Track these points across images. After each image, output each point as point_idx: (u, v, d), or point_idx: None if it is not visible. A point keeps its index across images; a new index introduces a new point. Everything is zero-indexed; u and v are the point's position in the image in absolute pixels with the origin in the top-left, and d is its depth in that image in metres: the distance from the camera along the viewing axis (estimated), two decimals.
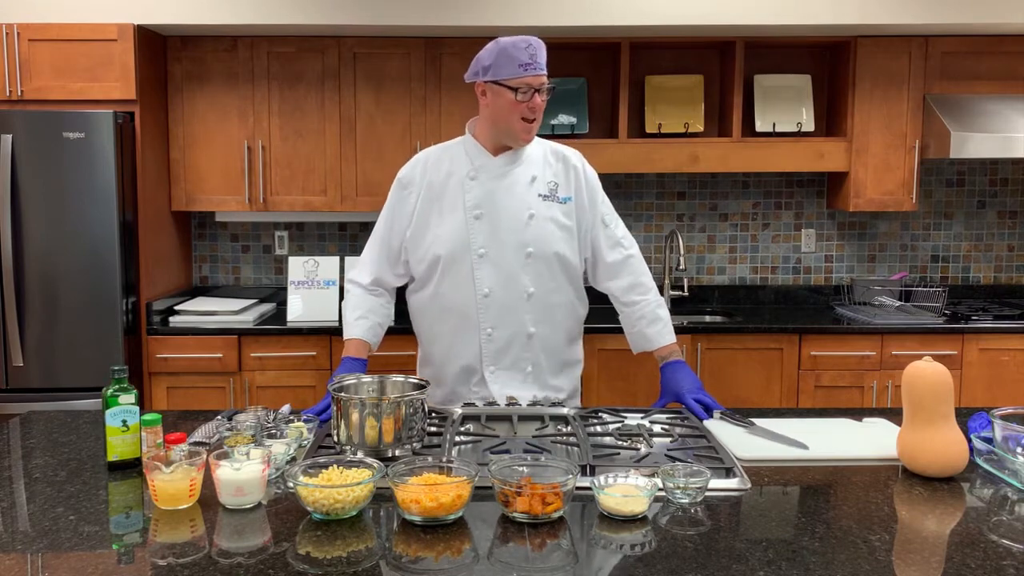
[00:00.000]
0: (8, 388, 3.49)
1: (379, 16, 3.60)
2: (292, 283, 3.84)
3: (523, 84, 2.10)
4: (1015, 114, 3.76)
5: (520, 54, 2.10)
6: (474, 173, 2.23)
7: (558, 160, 2.29)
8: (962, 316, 3.79)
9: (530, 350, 2.25)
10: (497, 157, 2.23)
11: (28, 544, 1.41)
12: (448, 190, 2.24)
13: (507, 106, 2.13)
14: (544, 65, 2.13)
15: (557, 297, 2.26)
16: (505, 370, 2.24)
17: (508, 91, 2.11)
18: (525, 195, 2.22)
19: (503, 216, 2.20)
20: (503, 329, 2.22)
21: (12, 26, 3.51)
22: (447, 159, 2.28)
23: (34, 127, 3.40)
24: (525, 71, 2.10)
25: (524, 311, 2.22)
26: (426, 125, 3.87)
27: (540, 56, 2.12)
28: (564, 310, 2.29)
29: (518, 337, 2.23)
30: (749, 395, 3.68)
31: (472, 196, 2.21)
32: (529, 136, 2.19)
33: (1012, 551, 1.38)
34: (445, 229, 2.21)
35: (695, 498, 1.56)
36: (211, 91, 3.85)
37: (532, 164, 2.26)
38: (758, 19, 3.61)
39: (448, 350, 2.28)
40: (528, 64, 2.10)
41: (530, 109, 2.13)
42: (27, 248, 3.44)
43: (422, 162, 2.31)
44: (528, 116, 2.14)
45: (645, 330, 2.35)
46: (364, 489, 1.50)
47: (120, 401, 1.75)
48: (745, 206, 4.29)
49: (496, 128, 2.20)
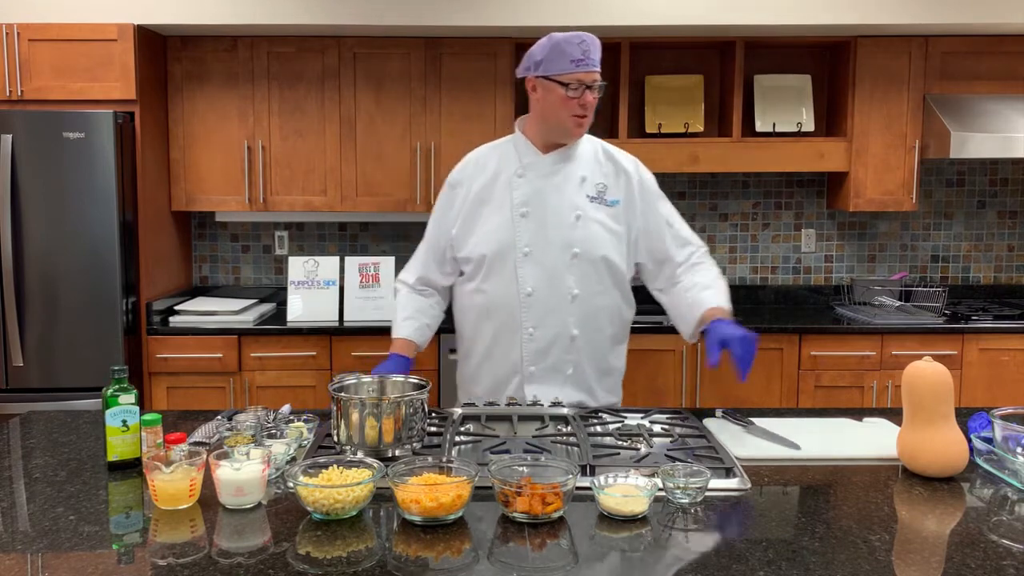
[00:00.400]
0: (8, 388, 3.49)
1: (379, 16, 3.60)
2: (292, 283, 3.84)
3: (574, 80, 2.07)
4: (1015, 114, 3.76)
5: (572, 49, 2.07)
6: (522, 171, 2.20)
7: (608, 161, 2.25)
8: (962, 316, 3.79)
9: (572, 352, 2.21)
10: (546, 155, 2.20)
11: (28, 544, 1.41)
12: (496, 188, 2.22)
13: (558, 102, 2.10)
14: (598, 61, 2.10)
15: (602, 300, 2.22)
16: (546, 371, 2.22)
17: (559, 87, 2.08)
18: (574, 195, 2.18)
19: (550, 215, 2.17)
20: (545, 329, 2.19)
21: (12, 26, 3.51)
22: (495, 157, 2.26)
23: (34, 127, 3.40)
24: (577, 67, 2.07)
25: (567, 312, 2.18)
26: (426, 125, 3.87)
27: (593, 52, 2.09)
28: (608, 313, 2.25)
29: (560, 339, 2.20)
30: (749, 395, 3.68)
31: (519, 194, 2.19)
32: (581, 131, 2.16)
33: (1012, 551, 1.38)
34: (491, 227, 2.19)
35: (695, 498, 1.56)
36: (211, 91, 3.85)
37: (582, 164, 2.22)
38: (758, 19, 3.61)
39: (490, 348, 2.26)
40: (580, 60, 2.07)
41: (581, 106, 2.09)
42: (27, 248, 3.44)
43: (472, 162, 2.30)
44: (579, 112, 2.10)
45: (699, 295, 2.19)
46: (364, 489, 1.50)
47: (120, 401, 1.75)
48: (745, 206, 4.29)
49: (546, 124, 2.17)
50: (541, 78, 2.11)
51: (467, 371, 2.35)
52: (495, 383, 2.27)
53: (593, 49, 2.09)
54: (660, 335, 3.69)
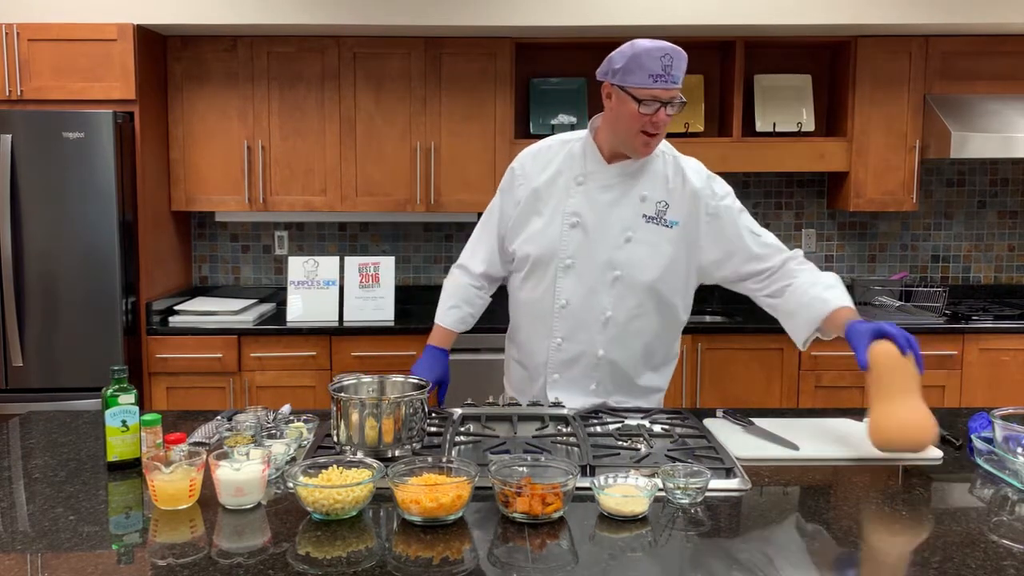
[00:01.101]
0: (8, 388, 3.49)
1: (379, 16, 3.60)
2: (292, 283, 3.84)
3: (650, 96, 1.95)
4: (1015, 114, 3.76)
5: (653, 64, 1.94)
6: (582, 178, 2.12)
7: (677, 176, 2.15)
8: (962, 316, 3.79)
9: (597, 370, 2.17)
10: (611, 165, 2.11)
11: (28, 544, 1.41)
12: (555, 189, 2.15)
13: (629, 115, 1.99)
14: (680, 78, 1.97)
15: (639, 324, 2.15)
16: (569, 382, 2.20)
17: (632, 101, 1.96)
18: (629, 213, 2.10)
19: (599, 230, 2.10)
20: (573, 344, 2.16)
21: (12, 26, 3.51)
22: (562, 154, 2.17)
23: (34, 127, 3.40)
24: (655, 82, 1.94)
25: (597, 332, 2.13)
26: (426, 125, 3.87)
27: (676, 68, 1.96)
28: (643, 338, 2.17)
29: (586, 356, 2.16)
30: (749, 395, 3.68)
31: (573, 202, 2.12)
32: (648, 151, 2.05)
33: (1012, 551, 1.38)
34: (540, 229, 2.15)
35: (695, 498, 1.56)
36: (211, 91, 3.85)
37: (646, 180, 2.12)
38: (758, 19, 3.61)
39: (523, 343, 2.28)
40: (660, 76, 1.94)
41: (653, 124, 1.98)
42: (27, 248, 3.44)
43: (537, 154, 2.21)
44: (650, 130, 2.00)
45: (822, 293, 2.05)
46: (364, 489, 1.50)
47: (120, 401, 1.75)
48: (745, 206, 4.28)
49: (614, 135, 2.07)
50: (616, 87, 2.00)
51: (511, 353, 2.36)
52: (525, 376, 2.29)
53: (676, 64, 1.96)
54: None
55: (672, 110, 1.99)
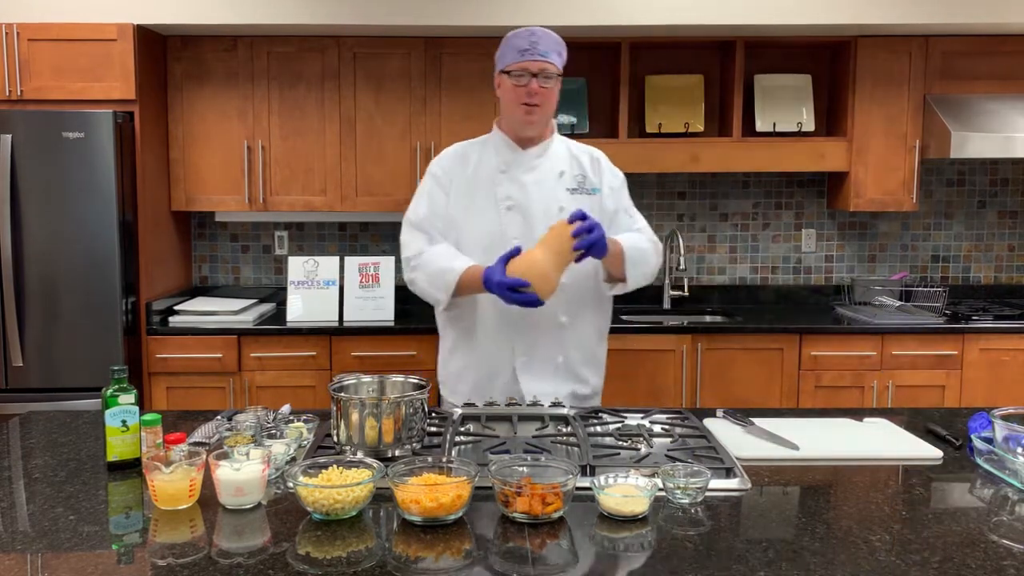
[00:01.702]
0: (8, 388, 3.49)
1: (379, 16, 3.60)
2: (292, 283, 3.84)
3: (519, 68, 2.16)
4: (1015, 114, 3.75)
5: (520, 41, 2.17)
6: (504, 167, 2.27)
7: (583, 154, 2.35)
8: (962, 316, 3.79)
9: (561, 340, 2.27)
10: (525, 151, 2.27)
11: (28, 544, 1.41)
12: (479, 183, 2.27)
13: (509, 92, 2.19)
14: (547, 53, 2.16)
15: (585, 287, 2.28)
16: (537, 361, 2.26)
17: (508, 77, 2.18)
18: (554, 189, 2.26)
19: (534, 208, 2.24)
20: (535, 319, 2.23)
21: (12, 26, 3.51)
22: (475, 152, 2.32)
23: (34, 127, 3.40)
24: (523, 56, 2.15)
25: (556, 301, 2.21)
26: (426, 125, 3.87)
27: (542, 44, 2.16)
28: (594, 302, 2.32)
29: (550, 327, 2.25)
30: (749, 395, 3.68)
31: (503, 189, 2.25)
32: (531, 119, 2.21)
33: (1012, 551, 1.38)
34: (479, 222, 2.24)
35: (695, 498, 1.56)
36: (211, 91, 3.85)
37: (558, 159, 2.30)
38: (758, 19, 3.61)
39: (479, 341, 2.28)
40: (526, 50, 2.15)
41: (528, 93, 2.15)
42: (27, 248, 3.44)
43: (452, 156, 2.34)
44: (526, 100, 2.16)
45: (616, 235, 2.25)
46: (364, 489, 1.50)
47: (120, 401, 1.75)
48: (745, 206, 4.29)
49: (507, 118, 2.27)
50: (500, 73, 2.22)
51: (452, 368, 2.36)
52: (485, 376, 2.29)
53: (543, 41, 2.17)
54: (660, 335, 3.70)
55: (546, 83, 2.17)
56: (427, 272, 2.24)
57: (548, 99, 2.20)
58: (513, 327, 2.24)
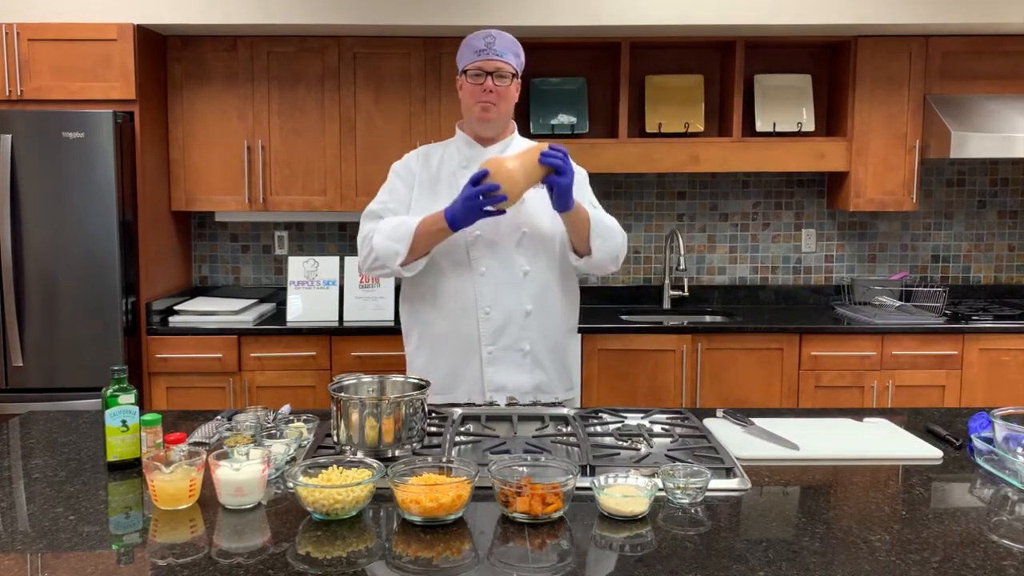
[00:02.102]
0: (8, 388, 3.49)
1: (379, 16, 3.60)
2: (292, 283, 3.84)
3: (475, 68, 2.24)
4: (1015, 114, 3.76)
5: (477, 42, 2.25)
6: (465, 163, 2.34)
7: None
8: (962, 316, 3.79)
9: (527, 329, 2.31)
10: (486, 148, 2.34)
11: (28, 544, 1.41)
12: (441, 180, 2.34)
13: (467, 92, 2.28)
14: (503, 53, 2.24)
15: (550, 276, 2.33)
16: (503, 350, 2.29)
17: (466, 77, 2.26)
18: None
19: None
20: (500, 308, 2.28)
21: (12, 26, 3.51)
22: (438, 153, 2.41)
23: (34, 127, 3.40)
24: (478, 56, 2.23)
25: (521, 289, 2.29)
26: (426, 125, 3.87)
27: (498, 44, 2.24)
28: (558, 291, 2.36)
29: (515, 315, 2.29)
30: (749, 395, 3.68)
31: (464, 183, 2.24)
32: (487, 116, 2.27)
33: (1012, 551, 1.38)
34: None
35: (695, 498, 1.56)
36: (211, 91, 3.85)
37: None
38: (758, 19, 3.61)
39: (446, 333, 2.31)
40: (482, 50, 2.23)
41: (483, 91, 2.23)
42: (27, 248, 3.44)
43: (415, 156, 2.42)
44: (482, 98, 2.24)
45: None
46: (364, 489, 1.50)
47: (120, 401, 1.75)
48: (745, 206, 4.29)
49: (467, 118, 2.35)
50: (460, 75, 2.29)
51: (419, 363, 2.38)
52: (452, 369, 2.31)
53: (498, 42, 2.24)
54: (660, 335, 3.70)
55: (501, 82, 2.24)
56: (383, 232, 2.25)
57: (504, 97, 2.26)
58: (479, 316, 2.27)
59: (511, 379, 2.30)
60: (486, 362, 2.29)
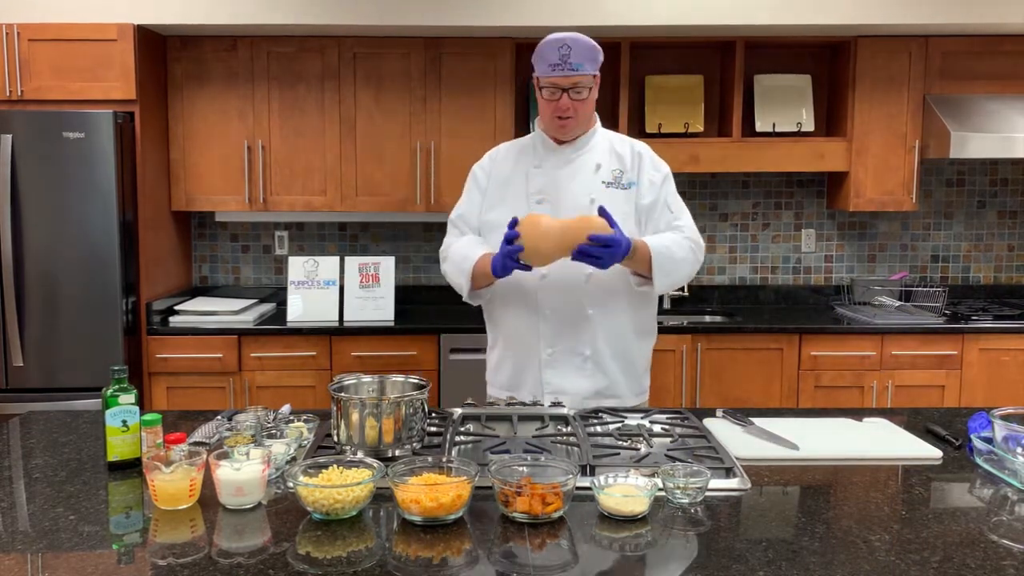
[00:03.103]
0: (8, 388, 3.49)
1: (379, 16, 3.60)
2: (292, 283, 3.84)
3: (549, 83, 2.16)
4: (1015, 114, 3.76)
5: (551, 54, 2.14)
6: (538, 162, 2.30)
7: (623, 146, 2.33)
8: (962, 316, 3.79)
9: (588, 332, 2.25)
10: (562, 147, 2.28)
11: (28, 544, 1.41)
12: (514, 179, 2.31)
13: (543, 103, 2.21)
14: (579, 65, 2.13)
15: (617, 281, 2.23)
16: (563, 354, 2.26)
17: (540, 89, 2.19)
18: (589, 182, 2.25)
19: (564, 201, 2.24)
20: (561, 310, 2.24)
21: (12, 26, 3.51)
22: (515, 151, 2.36)
23: (34, 127, 3.40)
24: (553, 71, 2.14)
25: (582, 292, 2.23)
26: (426, 125, 3.87)
27: (573, 56, 2.13)
28: (625, 297, 2.27)
29: (576, 319, 2.24)
30: (749, 395, 3.68)
31: (535, 183, 2.28)
32: (563, 132, 2.23)
33: (1012, 551, 1.38)
34: (507, 215, 2.21)
35: (695, 498, 1.56)
36: (211, 91, 3.85)
37: (597, 152, 2.29)
38: (758, 19, 3.61)
39: (511, 334, 2.31)
40: (557, 64, 2.13)
41: (560, 108, 2.17)
42: (27, 248, 3.44)
43: (493, 156, 2.38)
44: (559, 114, 2.18)
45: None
46: (364, 489, 1.50)
47: (120, 401, 1.75)
48: (745, 206, 4.29)
49: (543, 121, 2.29)
50: (536, 78, 2.21)
51: (493, 361, 2.40)
52: (516, 370, 2.31)
53: (574, 52, 2.13)
54: (660, 335, 3.67)
55: (578, 95, 2.16)
56: (453, 262, 2.29)
57: (582, 109, 2.20)
58: (539, 317, 2.25)
59: (570, 383, 2.26)
60: (544, 364, 2.27)
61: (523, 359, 2.30)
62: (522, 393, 2.30)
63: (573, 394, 2.25)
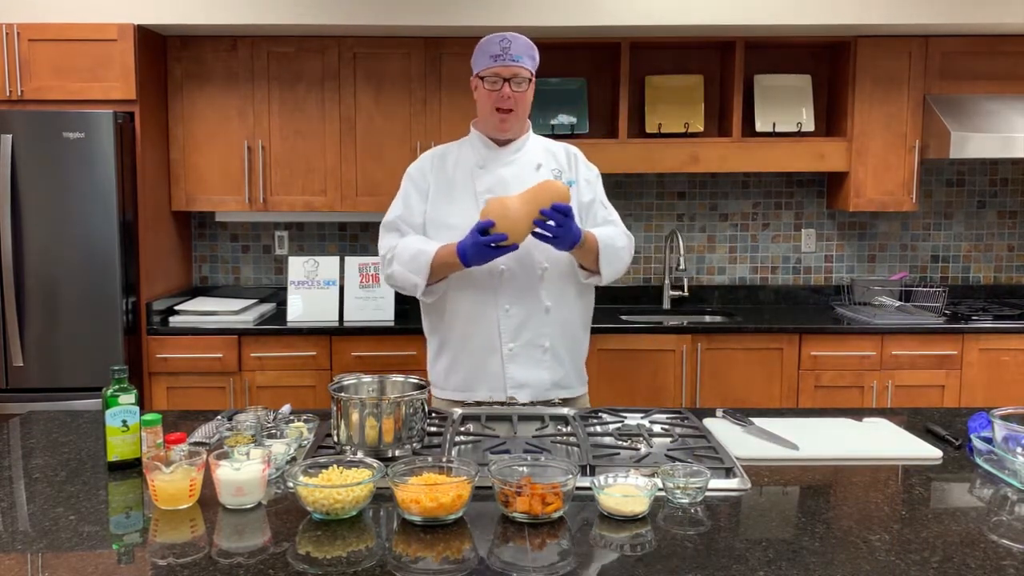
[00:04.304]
0: (8, 388, 3.49)
1: (379, 16, 3.60)
2: (292, 283, 3.84)
3: (491, 74, 2.21)
4: (1015, 114, 3.76)
5: (492, 47, 2.22)
6: (482, 163, 2.33)
7: (559, 149, 2.41)
8: (962, 316, 3.79)
9: (547, 325, 2.30)
10: (502, 148, 2.33)
11: (28, 544, 1.41)
12: (458, 180, 2.33)
13: (483, 97, 2.26)
14: (519, 57, 2.21)
15: (567, 272, 2.31)
16: (524, 347, 2.28)
17: (482, 82, 2.24)
18: (532, 180, 2.27)
19: None
20: (520, 305, 2.27)
21: (12, 26, 3.51)
22: (454, 152, 2.39)
23: (34, 127, 3.40)
24: (495, 62, 2.20)
25: (540, 287, 2.28)
26: (426, 125, 3.88)
27: (514, 48, 2.21)
28: (575, 289, 2.35)
29: (535, 313, 2.28)
30: (749, 395, 3.68)
31: (482, 182, 2.31)
32: (505, 127, 2.28)
33: (1012, 551, 1.38)
34: (458, 216, 2.26)
35: (695, 498, 1.56)
36: (211, 91, 3.85)
37: (535, 153, 2.36)
38: (758, 19, 3.61)
39: (467, 333, 2.30)
40: (498, 55, 2.20)
41: (501, 98, 2.22)
42: (27, 248, 3.44)
43: (431, 156, 2.40)
44: (501, 105, 2.23)
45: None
46: (364, 489, 1.50)
47: (120, 401, 1.75)
48: (745, 206, 4.29)
49: (482, 120, 2.33)
50: (474, 78, 2.28)
51: (442, 365, 2.37)
52: (474, 369, 2.31)
53: (514, 45, 2.21)
54: (660, 335, 3.70)
55: (518, 87, 2.22)
56: (401, 261, 2.27)
57: (521, 103, 2.25)
58: (499, 312, 2.27)
59: (532, 375, 2.29)
60: (507, 359, 2.28)
61: (481, 357, 2.30)
62: (479, 393, 2.29)
63: (535, 386, 2.28)
